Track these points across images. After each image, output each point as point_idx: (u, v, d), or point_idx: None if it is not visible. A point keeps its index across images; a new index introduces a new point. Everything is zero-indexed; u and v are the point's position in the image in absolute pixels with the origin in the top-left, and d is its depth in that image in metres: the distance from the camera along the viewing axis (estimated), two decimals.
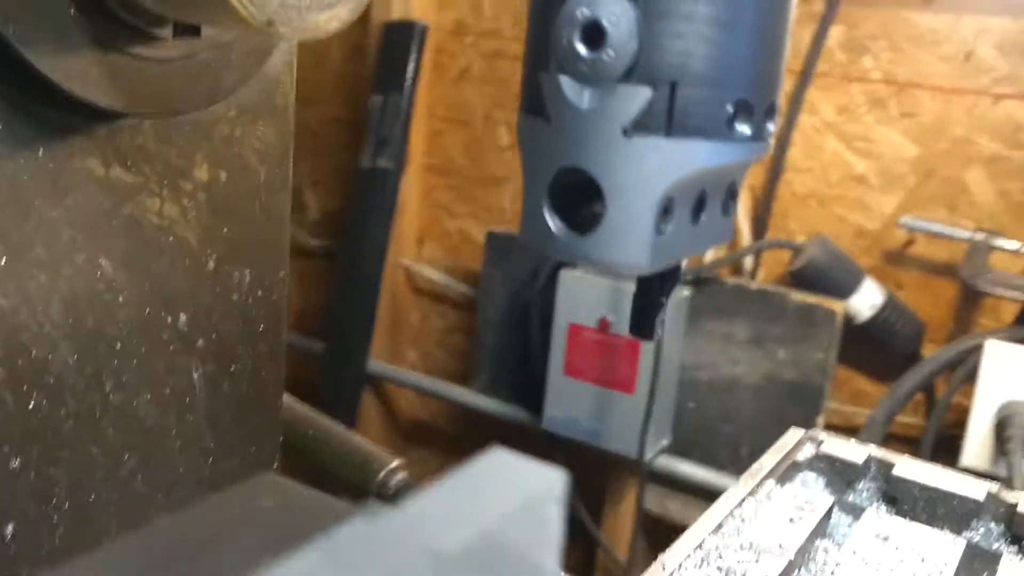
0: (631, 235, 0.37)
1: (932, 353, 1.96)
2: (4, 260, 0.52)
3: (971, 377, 1.83)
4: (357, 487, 1.04)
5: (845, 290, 1.99)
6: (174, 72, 0.56)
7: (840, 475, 0.80)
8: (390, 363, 2.76)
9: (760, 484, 0.76)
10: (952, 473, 0.79)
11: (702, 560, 0.65)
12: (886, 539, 0.70)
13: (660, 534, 2.29)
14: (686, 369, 2.14)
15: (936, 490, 0.77)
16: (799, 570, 0.65)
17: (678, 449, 2.21)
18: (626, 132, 0.37)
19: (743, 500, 0.73)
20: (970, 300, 1.97)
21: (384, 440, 2.84)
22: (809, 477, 0.81)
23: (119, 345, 0.62)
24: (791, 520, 0.70)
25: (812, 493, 0.75)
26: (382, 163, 2.55)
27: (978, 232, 1.85)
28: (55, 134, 0.54)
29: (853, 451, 0.81)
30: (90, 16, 0.52)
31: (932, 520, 0.76)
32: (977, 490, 0.76)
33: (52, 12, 0.50)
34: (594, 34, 0.36)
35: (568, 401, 2.21)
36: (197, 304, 0.67)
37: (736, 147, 0.38)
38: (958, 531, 0.75)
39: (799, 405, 2.03)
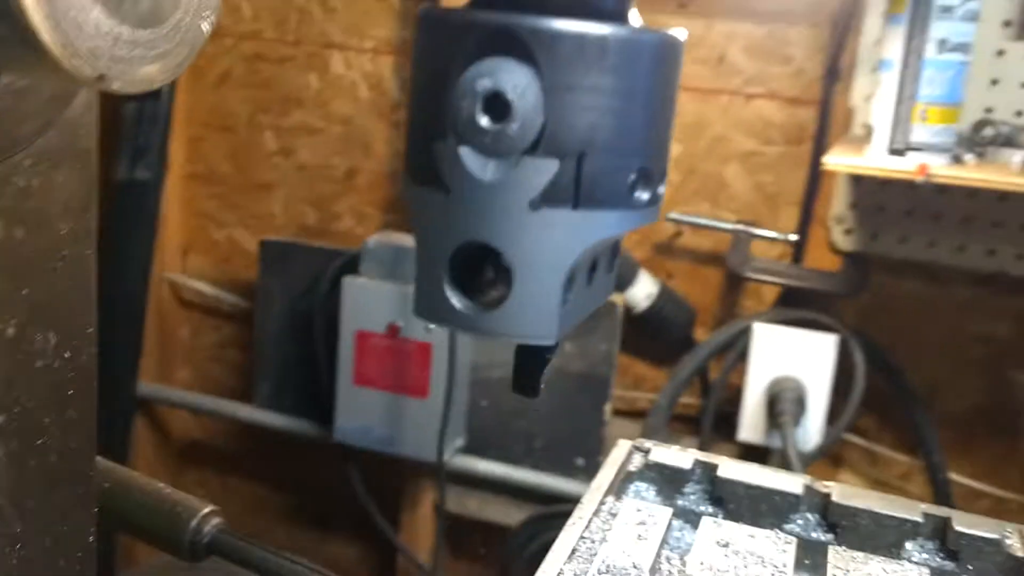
0: (539, 309, 0.37)
1: (705, 338, 2.09)
2: None
3: (742, 357, 1.97)
4: (169, 540, 0.97)
5: (622, 282, 2.08)
6: None
7: (670, 482, 0.84)
8: (161, 383, 2.61)
9: (602, 502, 0.78)
10: (770, 471, 0.84)
11: None
12: (726, 545, 0.73)
13: (460, 532, 2.31)
14: (477, 369, 2.17)
15: (758, 487, 0.81)
16: None
17: (473, 448, 2.23)
18: (533, 205, 0.36)
19: (589, 522, 0.74)
20: (735, 286, 2.11)
21: (159, 465, 2.68)
22: (641, 487, 0.84)
23: None
24: (639, 537, 0.72)
25: (649, 505, 0.78)
26: (140, 173, 2.40)
27: (739, 223, 1.98)
28: None
29: (679, 457, 0.85)
30: None
31: (757, 517, 0.80)
32: (794, 484, 0.82)
33: None
34: (497, 106, 0.35)
35: (360, 410, 2.18)
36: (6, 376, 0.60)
37: (636, 214, 0.38)
38: (781, 526, 0.80)
39: (588, 395, 2.10)
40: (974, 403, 2.01)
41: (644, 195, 0.38)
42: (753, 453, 2.01)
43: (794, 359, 1.90)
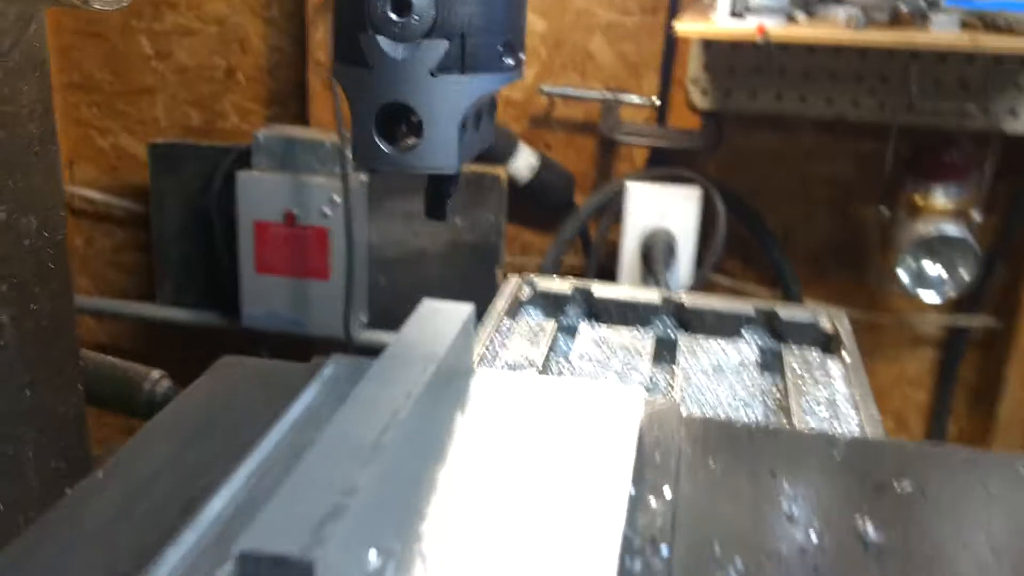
0: (443, 147, 0.52)
1: (584, 201, 2.28)
2: None
3: (617, 217, 2.17)
4: (126, 405, 1.11)
5: (504, 156, 2.23)
6: None
7: (554, 305, 1.02)
8: None
9: (499, 322, 0.95)
10: (634, 288, 1.03)
11: None
12: (601, 342, 0.92)
13: None
14: (374, 248, 2.30)
15: (626, 302, 1.00)
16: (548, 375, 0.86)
17: (376, 322, 2.38)
18: (432, 73, 0.51)
19: (491, 336, 0.92)
20: (608, 151, 2.29)
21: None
22: (531, 310, 1.01)
23: None
24: (531, 343, 0.90)
25: (538, 322, 0.96)
26: None
27: (606, 91, 2.15)
28: None
29: (560, 285, 1.03)
30: None
31: (626, 323, 0.99)
32: (653, 296, 1.01)
33: None
34: (402, 5, 0.50)
35: (265, 297, 2.30)
36: None
37: (505, 75, 0.53)
38: (644, 327, 0.99)
39: (480, 264, 2.28)
40: (824, 239, 2.26)
41: (510, 60, 0.54)
42: None
43: (664, 212, 2.10)
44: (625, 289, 1.03)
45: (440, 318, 0.47)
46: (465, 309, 0.49)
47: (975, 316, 2.19)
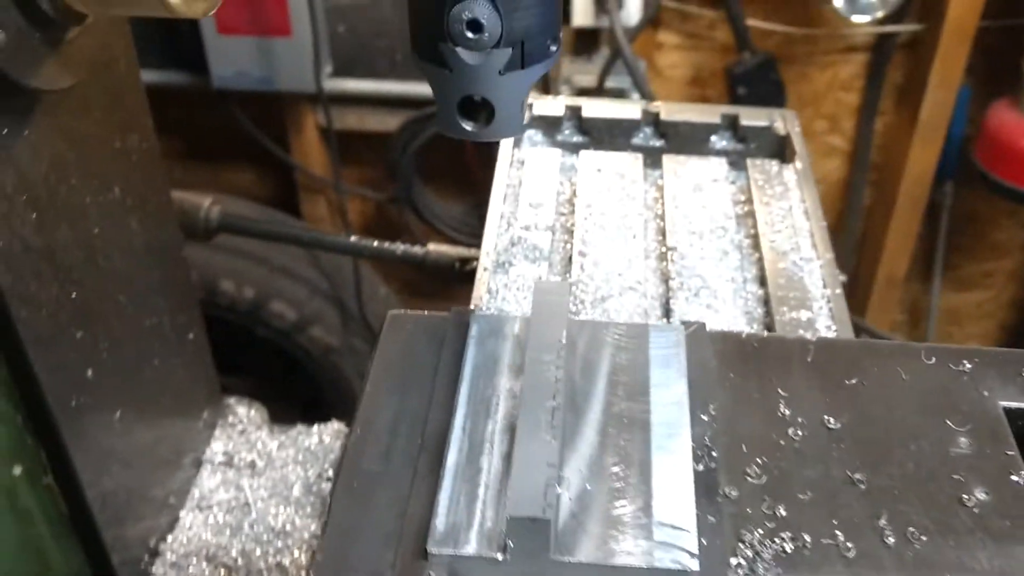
0: (511, 123, 0.69)
1: None
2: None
3: None
4: (189, 230, 1.29)
5: None
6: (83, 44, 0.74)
7: (550, 125, 1.19)
8: None
9: (511, 155, 1.13)
10: (617, 104, 1.20)
11: (508, 224, 1.03)
12: (599, 170, 1.11)
13: (346, 145, 2.64)
14: None
15: (611, 119, 1.18)
16: (560, 209, 1.06)
17: (341, 71, 2.48)
18: (500, 72, 0.66)
19: (507, 171, 1.11)
20: None
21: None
22: (531, 133, 1.19)
23: (94, 228, 0.84)
24: (542, 177, 1.09)
25: (540, 150, 1.14)
26: None
27: None
28: (28, 110, 0.72)
29: (553, 106, 1.19)
30: (40, 26, 0.68)
31: (612, 139, 1.18)
32: (635, 111, 1.18)
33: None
34: (476, 26, 0.64)
35: (231, 57, 2.38)
36: (119, 174, 0.88)
37: (552, 59, 0.69)
38: (630, 142, 1.18)
39: None
40: None
41: (554, 48, 0.69)
42: (586, 35, 2.35)
43: None
44: (609, 105, 1.19)
45: (554, 295, 0.68)
46: (566, 287, 0.69)
47: (902, 25, 2.36)
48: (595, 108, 1.19)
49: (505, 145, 1.15)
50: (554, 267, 0.98)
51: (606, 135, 1.19)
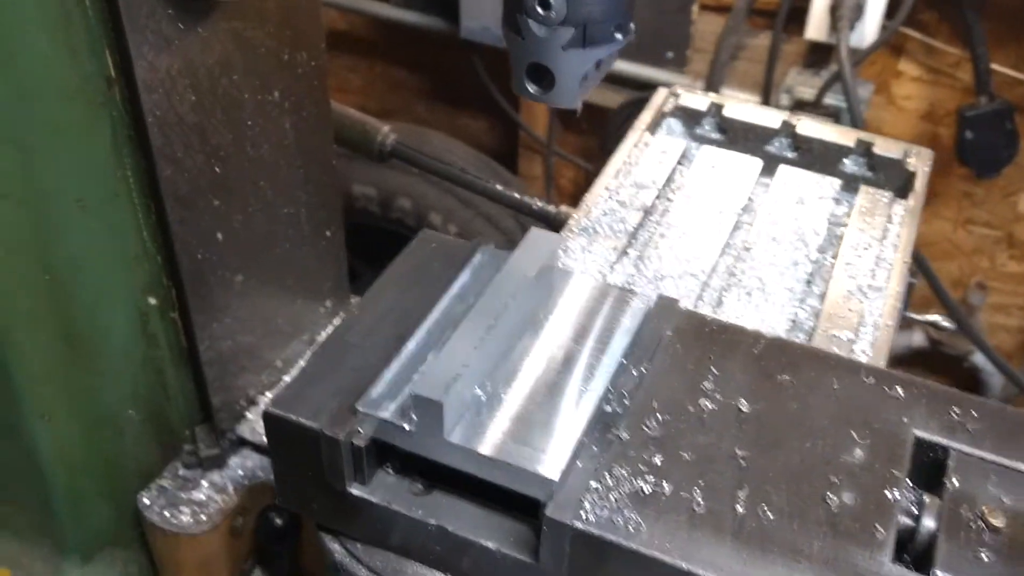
0: (568, 94, 0.79)
1: None
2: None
3: None
4: (363, 147, 1.47)
5: None
6: None
7: (691, 118, 1.26)
8: None
9: (640, 136, 1.22)
10: (761, 110, 1.25)
11: (609, 197, 1.12)
12: (713, 167, 1.17)
13: (568, 113, 2.77)
14: None
15: (749, 123, 1.23)
16: (662, 195, 1.13)
17: None
18: (563, 48, 0.76)
19: (630, 151, 1.19)
20: None
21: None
22: (671, 122, 1.26)
23: (247, 120, 1.02)
24: (660, 163, 1.17)
25: (672, 139, 1.22)
26: None
27: None
28: (203, 12, 0.90)
29: (699, 101, 1.26)
30: None
31: (747, 143, 1.23)
32: (775, 120, 1.23)
33: None
34: (545, 3, 0.75)
35: (481, 12, 2.56)
36: (281, 82, 1.05)
37: (616, 45, 0.78)
38: (762, 148, 1.22)
39: None
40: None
41: (619, 36, 0.78)
42: (819, 49, 2.34)
43: None
44: (752, 110, 1.24)
45: (543, 243, 0.78)
46: (557, 239, 0.79)
47: None
48: (736, 109, 1.25)
49: (637, 127, 1.23)
50: (634, 242, 1.07)
51: (741, 137, 1.24)
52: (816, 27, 2.27)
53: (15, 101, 0.84)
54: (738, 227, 1.10)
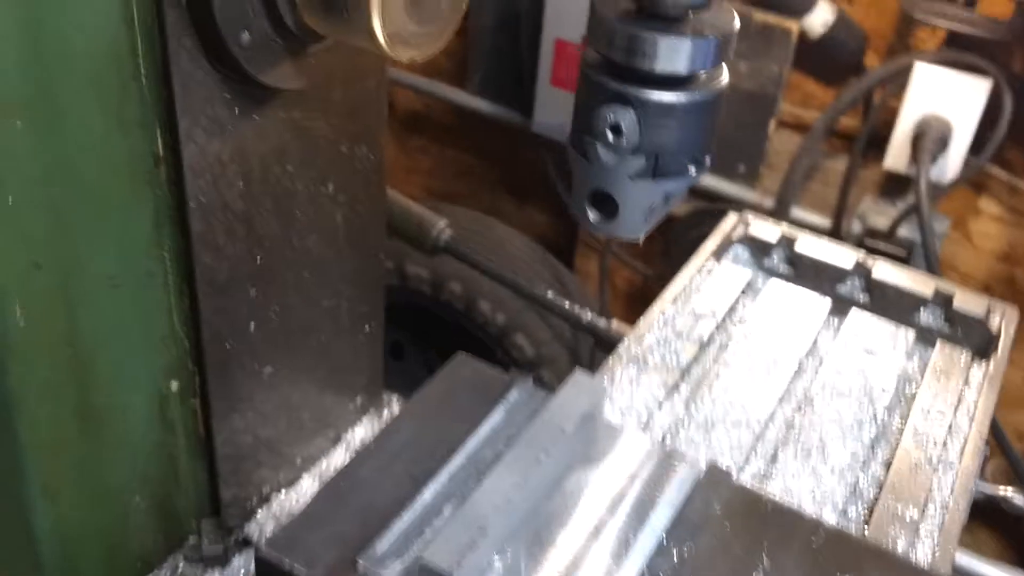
0: (631, 226, 0.73)
1: (876, 64, 2.29)
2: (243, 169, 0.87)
3: (902, 90, 2.17)
4: (419, 242, 1.43)
5: (800, 9, 2.26)
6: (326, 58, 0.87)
7: (760, 248, 1.20)
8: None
9: (705, 261, 1.15)
10: (834, 246, 1.18)
11: (664, 324, 1.06)
12: (779, 302, 1.11)
13: None
14: None
15: (821, 261, 1.16)
16: (721, 328, 1.07)
17: None
18: (631, 177, 0.71)
19: (692, 276, 1.13)
20: (909, 18, 2.25)
21: (388, 131, 3.17)
22: (738, 250, 1.20)
23: (297, 211, 0.98)
24: (722, 293, 1.11)
25: (738, 268, 1.15)
26: None
27: None
28: (261, 100, 0.86)
29: (769, 231, 1.20)
30: (283, 36, 0.82)
31: (817, 281, 1.16)
32: (848, 260, 1.16)
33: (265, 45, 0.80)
34: (616, 129, 0.69)
35: (555, 108, 2.54)
36: (337, 174, 1.01)
37: (689, 180, 0.72)
38: (834, 288, 1.15)
39: (755, 111, 2.38)
40: None
41: (693, 170, 0.72)
42: (895, 180, 2.27)
43: (947, 99, 2.09)
44: (825, 246, 1.18)
45: (586, 390, 0.71)
46: (601, 387, 0.72)
47: None
48: (808, 245, 1.18)
49: (702, 252, 1.17)
50: (686, 378, 1.00)
51: (811, 273, 1.17)
52: (896, 157, 2.21)
53: (59, 169, 0.81)
54: (800, 373, 1.03)
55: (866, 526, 0.84)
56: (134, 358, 0.94)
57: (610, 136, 0.70)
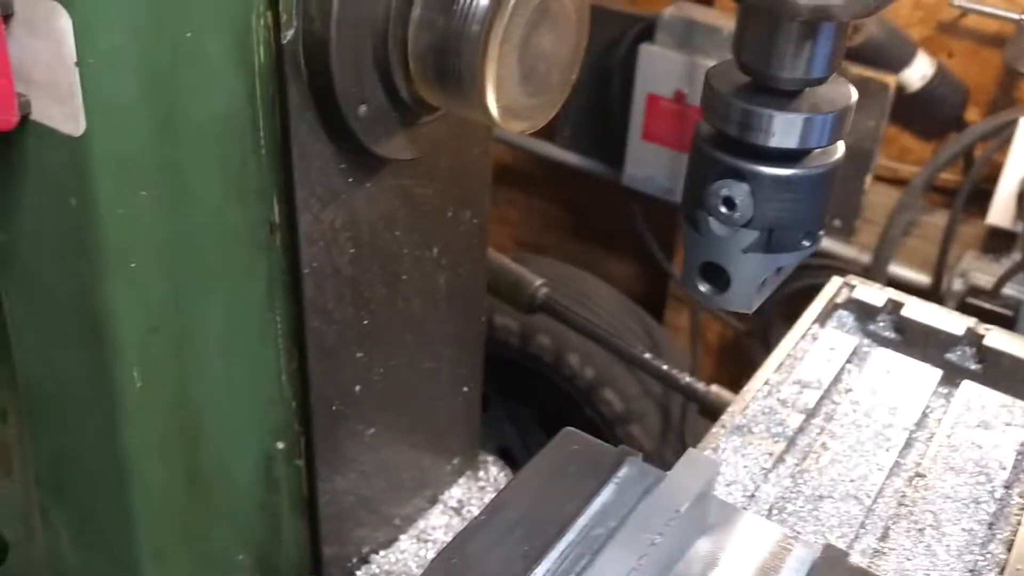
0: (743, 299, 0.73)
1: (977, 118, 2.24)
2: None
3: (1006, 145, 2.12)
4: (514, 299, 1.44)
5: (899, 63, 2.23)
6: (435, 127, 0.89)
7: (866, 313, 1.17)
8: None
9: (809, 327, 1.13)
10: (944, 312, 1.15)
11: (768, 392, 1.04)
12: (887, 372, 1.08)
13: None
14: None
15: (930, 326, 1.13)
16: (827, 397, 1.04)
17: None
18: (744, 251, 0.70)
19: (796, 343, 1.11)
20: (1013, 72, 2.19)
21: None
22: (844, 315, 1.17)
23: (403, 275, 0.99)
24: (827, 360, 1.08)
25: (843, 335, 1.13)
26: None
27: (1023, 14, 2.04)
28: (374, 169, 0.89)
29: (875, 295, 1.17)
30: (397, 108, 0.84)
31: (925, 348, 1.12)
32: (959, 326, 1.12)
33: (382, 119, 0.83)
34: (729, 202, 0.69)
35: (645, 162, 2.55)
36: (442, 238, 1.03)
37: (802, 253, 0.72)
38: (943, 355, 1.12)
39: (851, 165, 2.34)
40: None
41: (807, 243, 0.71)
42: (998, 235, 2.21)
43: None
44: (934, 311, 1.15)
45: (700, 467, 0.70)
46: (715, 464, 0.71)
47: None
48: (917, 309, 1.15)
49: (806, 317, 1.15)
50: (792, 448, 0.97)
51: (919, 339, 1.14)
52: (1000, 212, 2.14)
53: (180, 237, 0.84)
54: (910, 445, 1.00)
55: None
56: (242, 419, 0.97)
57: (723, 210, 0.70)
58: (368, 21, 0.78)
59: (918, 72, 2.23)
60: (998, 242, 2.26)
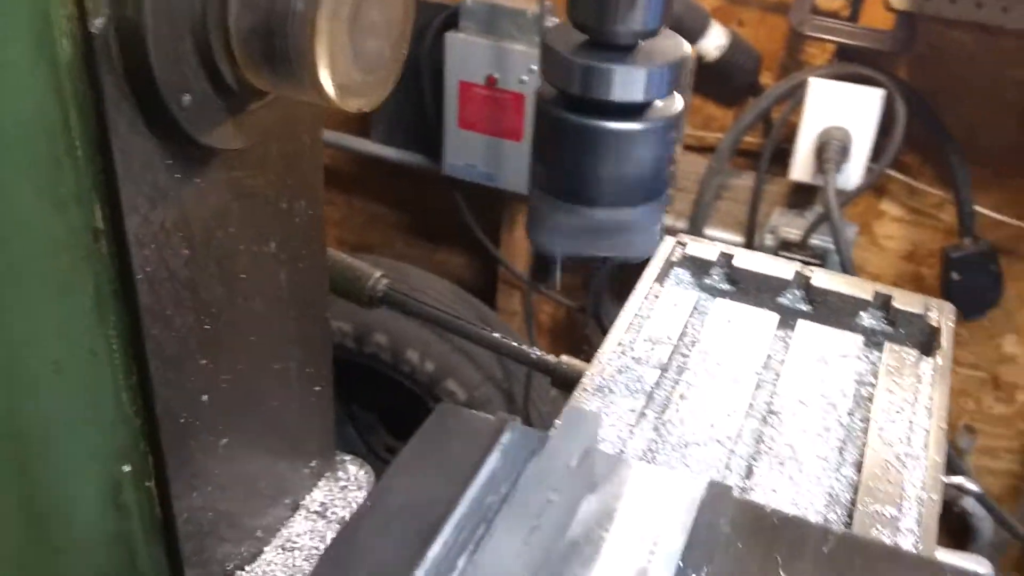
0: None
1: (771, 82, 2.36)
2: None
3: (799, 106, 2.25)
4: (353, 294, 1.40)
5: (694, 34, 2.32)
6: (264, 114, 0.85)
7: (700, 268, 1.21)
8: None
9: (651, 287, 1.16)
10: (771, 259, 1.20)
11: (623, 352, 1.06)
12: (729, 321, 1.12)
13: None
14: None
15: (761, 273, 1.18)
16: (677, 351, 1.07)
17: None
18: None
19: (641, 303, 1.13)
20: (800, 36, 2.33)
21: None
22: (679, 272, 1.21)
23: (241, 273, 0.95)
24: (672, 316, 1.11)
25: (682, 291, 1.16)
26: None
27: None
28: (202, 162, 0.84)
29: (707, 250, 1.21)
30: (223, 96, 0.80)
31: (759, 294, 1.18)
32: (787, 271, 1.18)
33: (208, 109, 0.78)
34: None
35: (464, 150, 2.55)
36: (279, 231, 0.99)
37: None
38: (775, 299, 1.17)
39: None
40: (1008, 144, 2.27)
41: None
42: (801, 191, 2.35)
43: (843, 111, 2.17)
44: (762, 259, 1.20)
45: (581, 423, 0.71)
46: (596, 418, 0.72)
47: None
48: (747, 259, 1.20)
49: (646, 278, 1.18)
50: (651, 403, 1.00)
51: (753, 288, 1.19)
52: (801, 168, 2.28)
53: None
54: (760, 386, 1.04)
55: (849, 528, 0.85)
56: (82, 444, 0.90)
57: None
58: (186, 4, 0.73)
59: (714, 42, 2.33)
60: (801, 197, 2.41)
